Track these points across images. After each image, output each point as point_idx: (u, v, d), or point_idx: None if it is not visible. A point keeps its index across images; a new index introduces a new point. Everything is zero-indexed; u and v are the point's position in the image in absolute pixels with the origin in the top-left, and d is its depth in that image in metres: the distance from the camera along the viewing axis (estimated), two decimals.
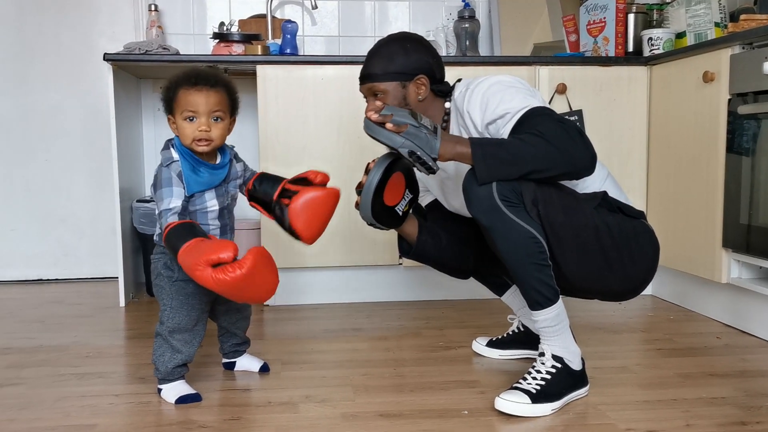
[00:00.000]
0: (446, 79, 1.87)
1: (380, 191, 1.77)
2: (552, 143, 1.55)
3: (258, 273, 1.50)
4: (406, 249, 1.98)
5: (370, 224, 1.82)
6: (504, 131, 1.65)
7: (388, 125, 1.64)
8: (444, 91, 1.83)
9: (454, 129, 1.82)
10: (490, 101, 1.68)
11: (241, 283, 1.47)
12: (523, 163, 1.56)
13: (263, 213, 1.81)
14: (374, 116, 1.66)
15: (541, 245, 1.62)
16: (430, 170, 1.66)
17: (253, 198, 1.81)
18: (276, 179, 1.80)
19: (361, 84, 1.83)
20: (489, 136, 1.70)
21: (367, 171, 1.77)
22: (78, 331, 2.42)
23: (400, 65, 1.77)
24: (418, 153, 1.62)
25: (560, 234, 1.63)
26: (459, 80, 1.86)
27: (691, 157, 2.51)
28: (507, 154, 1.56)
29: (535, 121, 1.60)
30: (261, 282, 1.53)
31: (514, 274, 1.66)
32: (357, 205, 1.79)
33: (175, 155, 1.70)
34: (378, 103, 1.69)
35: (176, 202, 1.65)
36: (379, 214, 1.80)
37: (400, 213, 1.86)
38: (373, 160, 1.78)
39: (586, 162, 1.59)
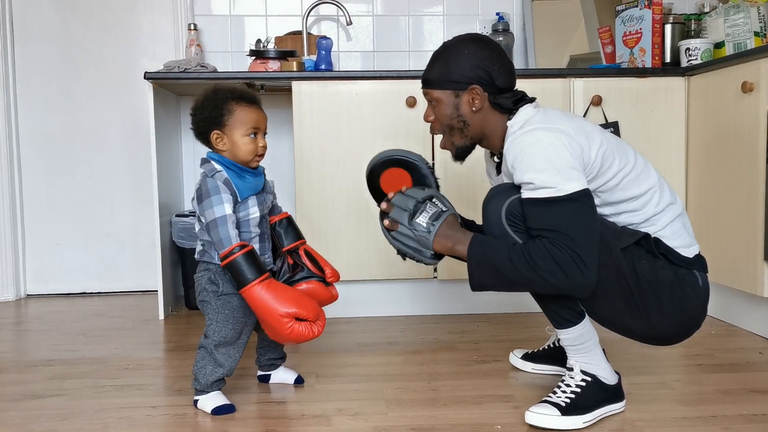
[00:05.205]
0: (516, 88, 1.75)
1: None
2: (542, 275, 1.54)
3: None
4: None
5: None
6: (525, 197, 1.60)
7: (386, 222, 1.71)
8: (504, 106, 1.69)
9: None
10: (522, 162, 1.58)
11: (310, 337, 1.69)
12: (510, 284, 1.60)
13: None
14: (383, 205, 1.74)
15: None
16: (428, 264, 1.72)
17: None
18: (296, 234, 1.92)
19: (421, 88, 1.77)
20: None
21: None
22: (118, 343, 2.47)
23: (455, 72, 1.67)
24: (409, 253, 1.70)
25: None
26: (532, 100, 1.71)
27: (730, 169, 2.46)
28: (497, 272, 1.60)
29: (542, 218, 1.55)
30: None
31: (533, 295, 1.71)
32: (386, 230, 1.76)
33: (218, 166, 1.75)
34: (430, 114, 1.74)
35: (229, 209, 1.70)
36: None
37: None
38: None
39: (572, 291, 1.57)
